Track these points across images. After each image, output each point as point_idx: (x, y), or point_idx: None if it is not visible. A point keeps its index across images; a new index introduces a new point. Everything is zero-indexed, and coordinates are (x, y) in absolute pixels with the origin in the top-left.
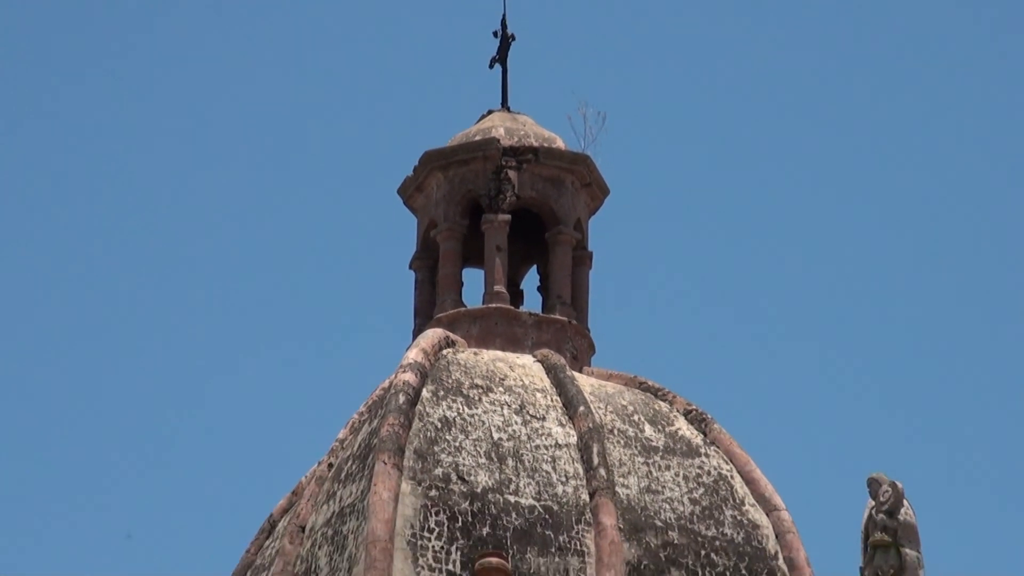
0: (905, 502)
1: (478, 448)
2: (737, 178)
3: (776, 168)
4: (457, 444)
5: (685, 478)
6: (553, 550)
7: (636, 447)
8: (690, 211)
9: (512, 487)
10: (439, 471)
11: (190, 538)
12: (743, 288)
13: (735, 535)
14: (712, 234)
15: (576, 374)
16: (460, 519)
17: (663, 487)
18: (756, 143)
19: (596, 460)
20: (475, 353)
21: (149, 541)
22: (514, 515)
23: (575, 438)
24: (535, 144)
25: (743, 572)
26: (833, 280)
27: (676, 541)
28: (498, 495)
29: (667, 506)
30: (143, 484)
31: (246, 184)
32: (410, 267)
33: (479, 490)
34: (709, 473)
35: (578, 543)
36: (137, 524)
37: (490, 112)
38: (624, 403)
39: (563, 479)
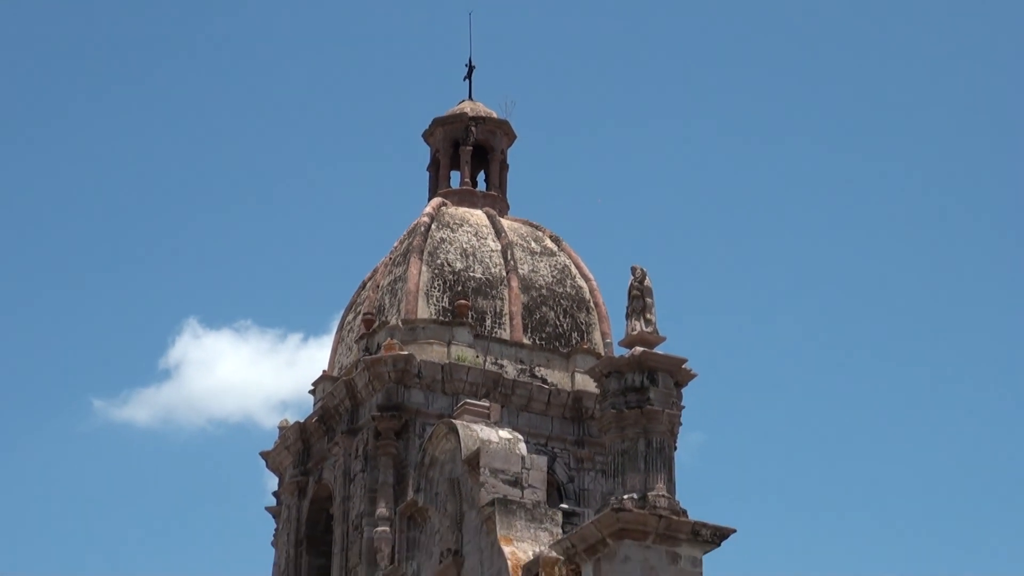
0: (647, 277)
1: (456, 251)
2: (580, 133)
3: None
4: (446, 249)
5: (549, 266)
6: (489, 298)
7: (527, 251)
8: (556, 147)
9: (471, 269)
10: (438, 261)
11: (327, 290)
12: (583, 179)
13: (570, 291)
14: (565, 156)
15: (501, 219)
16: (447, 283)
17: (538, 269)
18: (606, 111)
19: (509, 256)
20: (455, 209)
21: (305, 282)
22: (472, 282)
23: (500, 247)
24: (483, 115)
25: (575, 307)
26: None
27: (544, 293)
28: (464, 272)
29: (540, 278)
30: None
31: (346, 139)
32: (427, 170)
33: (456, 270)
34: (559, 264)
35: (501, 294)
36: (303, 273)
37: (463, 100)
38: (523, 232)
39: (495, 265)
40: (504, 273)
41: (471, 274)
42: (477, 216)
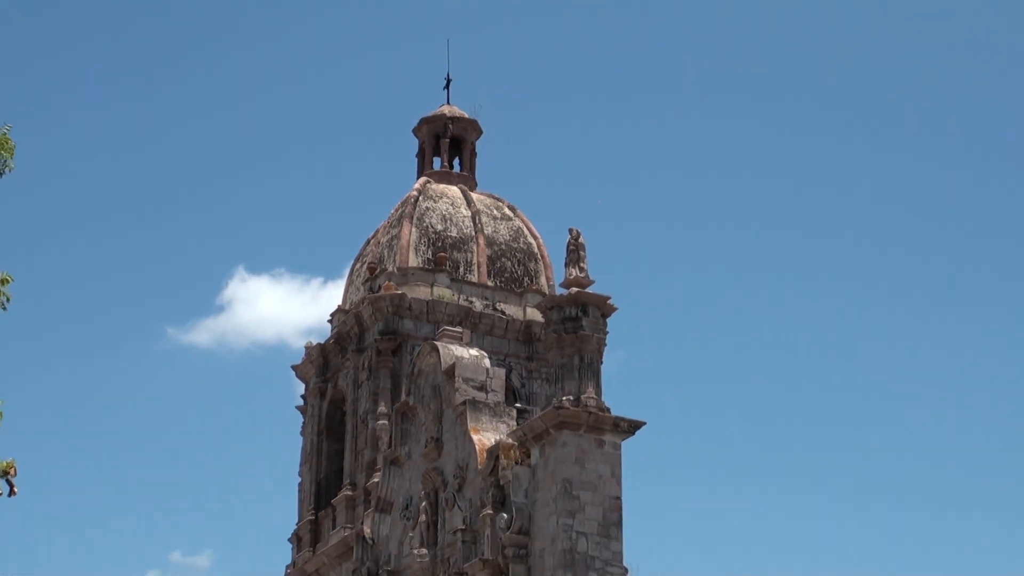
0: (581, 236)
1: (437, 217)
2: (534, 128)
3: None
4: (431, 216)
5: (507, 228)
6: (462, 251)
7: (490, 217)
8: (514, 139)
9: (449, 230)
10: (424, 225)
11: (340, 246)
12: (534, 163)
13: (523, 246)
14: (520, 145)
15: (471, 193)
16: (431, 240)
17: (499, 230)
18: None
19: (478, 221)
20: (437, 185)
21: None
22: (448, 239)
23: (470, 214)
24: (458, 116)
25: (526, 258)
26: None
27: (504, 247)
28: (443, 232)
29: (500, 237)
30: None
31: (355, 143)
32: (415, 157)
33: (438, 230)
34: (515, 227)
35: (471, 248)
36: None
37: (443, 105)
38: (487, 202)
39: (467, 226)
40: (473, 233)
41: (448, 234)
42: (453, 191)
